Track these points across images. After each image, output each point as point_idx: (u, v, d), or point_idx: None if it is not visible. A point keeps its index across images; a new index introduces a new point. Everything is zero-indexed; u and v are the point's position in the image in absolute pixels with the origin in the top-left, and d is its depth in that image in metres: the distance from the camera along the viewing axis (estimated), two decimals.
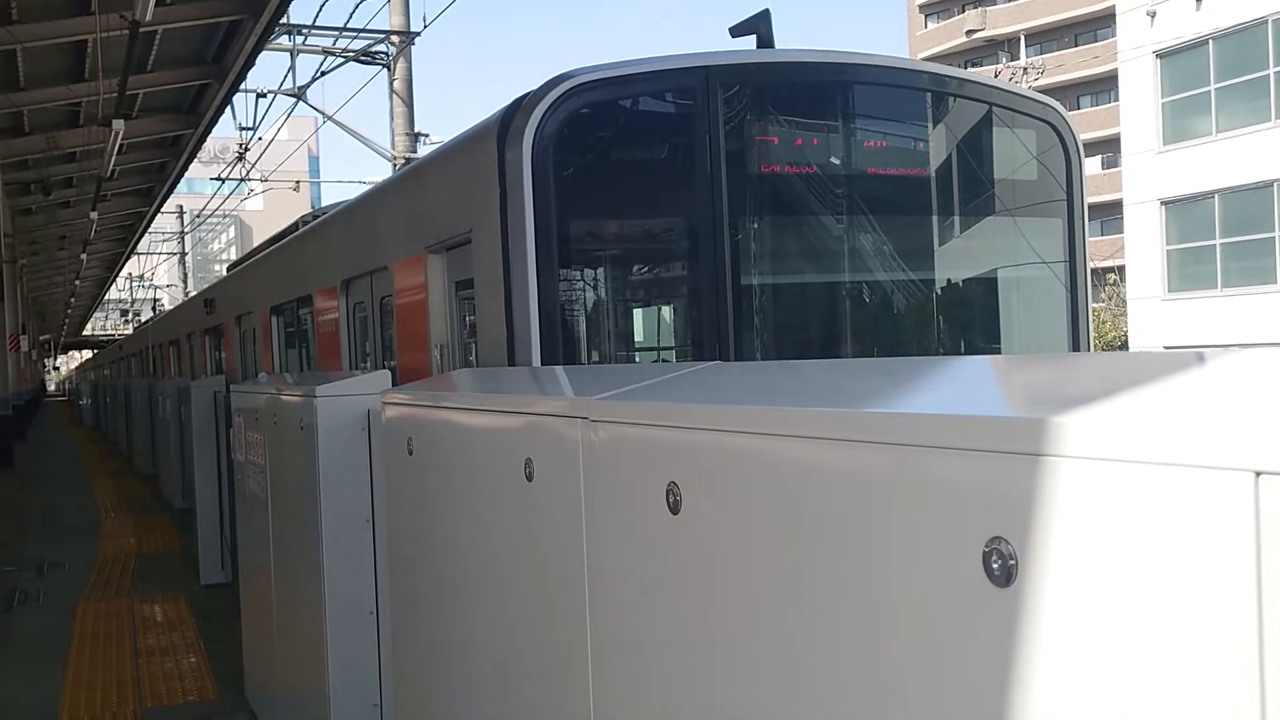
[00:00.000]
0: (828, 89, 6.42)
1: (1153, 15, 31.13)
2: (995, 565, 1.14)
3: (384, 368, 7.94)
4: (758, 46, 6.65)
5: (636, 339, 6.64)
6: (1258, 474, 0.89)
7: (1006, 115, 6.87)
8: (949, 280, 6.92)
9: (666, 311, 6.75)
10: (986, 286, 7.10)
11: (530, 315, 5.56)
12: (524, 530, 2.33)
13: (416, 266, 7.12)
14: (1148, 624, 0.98)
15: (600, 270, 6.25)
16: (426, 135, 22.15)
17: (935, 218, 6.66)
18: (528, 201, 5.54)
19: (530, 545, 2.31)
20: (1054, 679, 1.07)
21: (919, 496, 1.23)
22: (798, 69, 6.29)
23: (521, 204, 5.56)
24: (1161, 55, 31.13)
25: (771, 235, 6.24)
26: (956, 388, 1.50)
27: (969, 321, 7.06)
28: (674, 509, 1.73)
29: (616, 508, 1.93)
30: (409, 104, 21.86)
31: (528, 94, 5.89)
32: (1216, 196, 29.68)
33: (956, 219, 6.78)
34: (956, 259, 6.85)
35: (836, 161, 6.34)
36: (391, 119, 21.87)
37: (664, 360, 6.55)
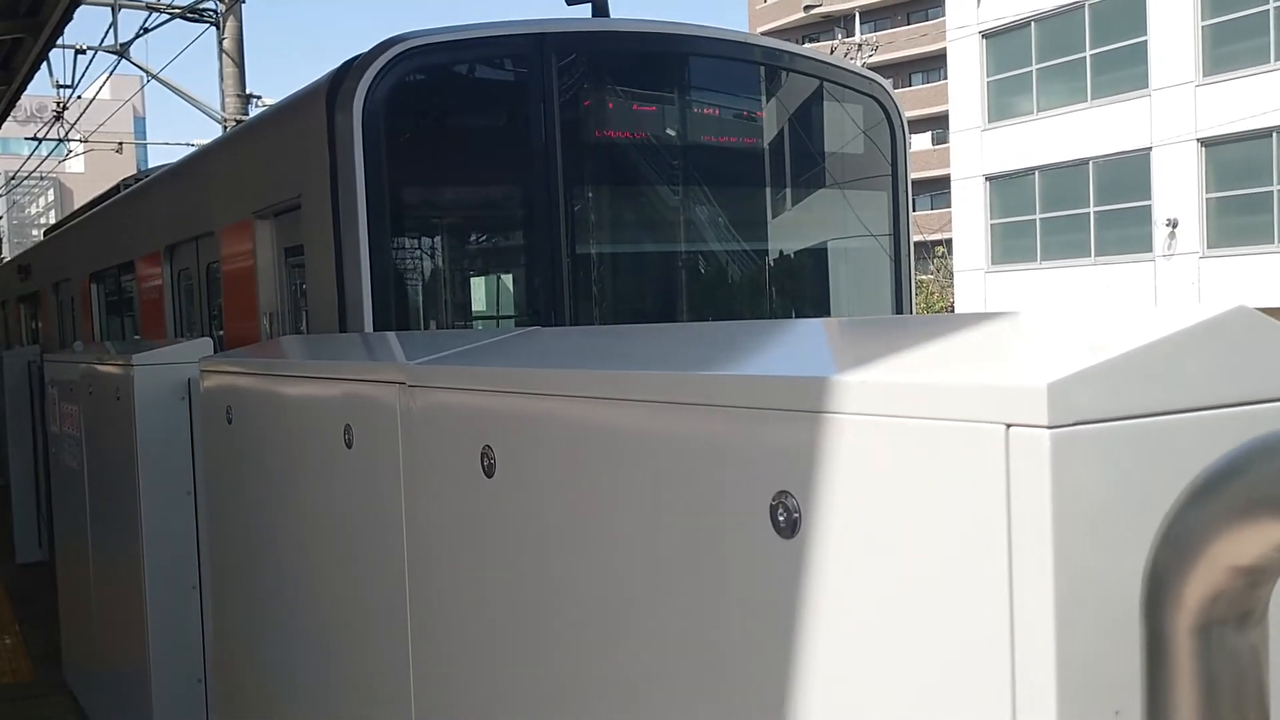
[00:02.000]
0: (663, 59, 6.47)
1: None
2: (781, 518, 1.20)
3: (210, 336, 7.73)
4: (593, 15, 6.66)
5: (472, 307, 6.61)
6: (1008, 426, 0.96)
7: (836, 90, 7.05)
8: (780, 250, 7.09)
9: (502, 279, 6.74)
10: (816, 256, 7.30)
11: (362, 282, 5.49)
12: (344, 498, 2.32)
13: (244, 232, 6.93)
14: (920, 566, 1.04)
15: (434, 237, 6.19)
16: (259, 97, 21.43)
17: (767, 189, 6.81)
18: (359, 166, 5.46)
19: (350, 513, 2.30)
20: (835, 622, 1.14)
21: (712, 454, 1.27)
22: (634, 39, 6.33)
23: (352, 169, 5.47)
24: (987, 35, 32.26)
25: (607, 204, 6.28)
26: (756, 350, 1.56)
27: (799, 290, 7.24)
28: (488, 472, 1.75)
29: (434, 472, 1.94)
30: (240, 64, 21.09)
31: (357, 57, 5.79)
32: (1037, 173, 30.97)
33: (788, 190, 6.94)
34: (787, 229, 7.02)
35: (672, 132, 6.41)
36: (221, 79, 21.07)
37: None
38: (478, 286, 6.72)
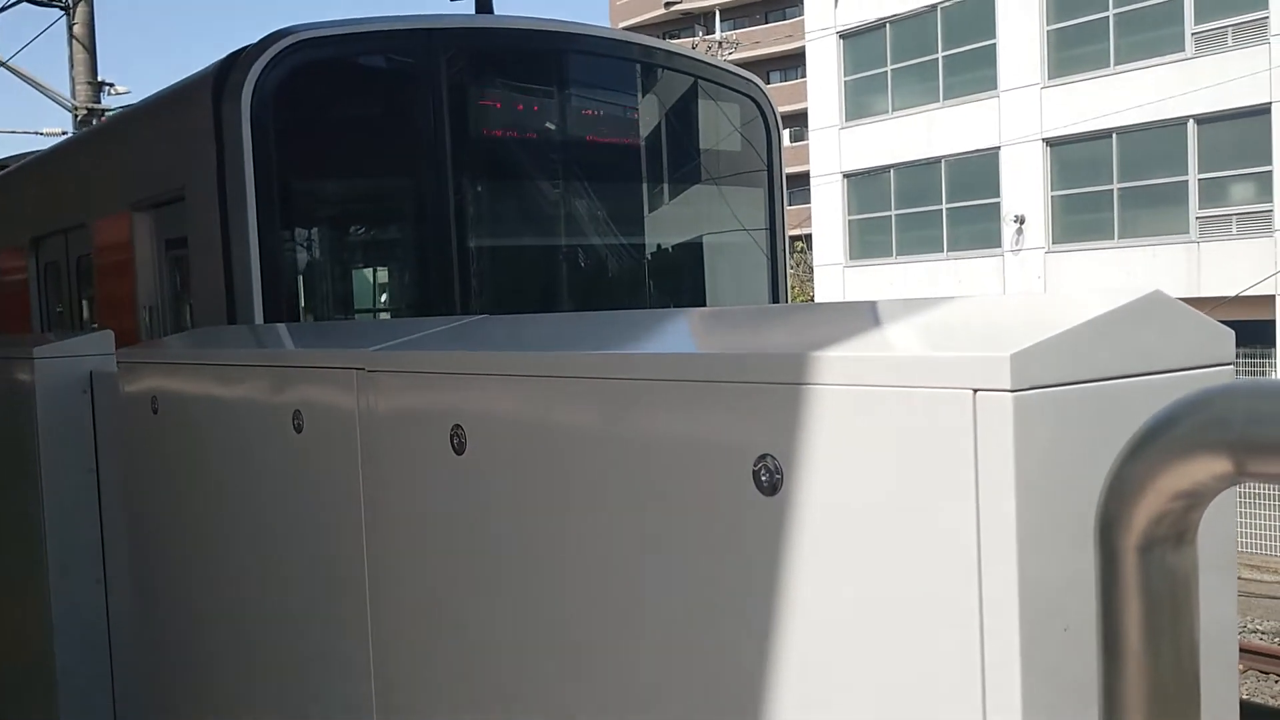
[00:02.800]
0: (549, 57, 6.60)
1: None
2: (764, 478, 1.36)
3: (84, 329, 7.56)
4: (476, 11, 6.75)
5: (361, 299, 6.64)
6: (975, 391, 1.14)
7: (713, 89, 7.28)
8: (660, 244, 7.29)
9: (391, 271, 6.78)
10: (694, 250, 7.51)
11: (252, 274, 5.49)
12: (293, 481, 2.41)
13: (121, 224, 6.82)
14: (895, 513, 1.22)
15: (324, 229, 6.22)
16: (111, 85, 20.81)
17: (649, 184, 7.00)
18: (247, 157, 5.46)
19: (301, 496, 2.39)
20: (816, 566, 1.31)
21: (697, 424, 1.43)
22: (521, 35, 6.44)
23: (240, 160, 5.47)
24: (844, 36, 33.12)
25: (495, 197, 6.39)
26: (717, 331, 1.72)
27: (679, 282, 7.45)
28: (459, 450, 1.87)
29: (397, 453, 2.05)
30: (91, 51, 20.44)
31: (244, 49, 5.77)
32: (892, 171, 31.94)
33: (669, 186, 7.14)
34: (668, 223, 7.22)
35: (558, 127, 6.54)
36: (71, 66, 20.38)
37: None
38: (367, 278, 6.75)
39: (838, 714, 1.28)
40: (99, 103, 20.22)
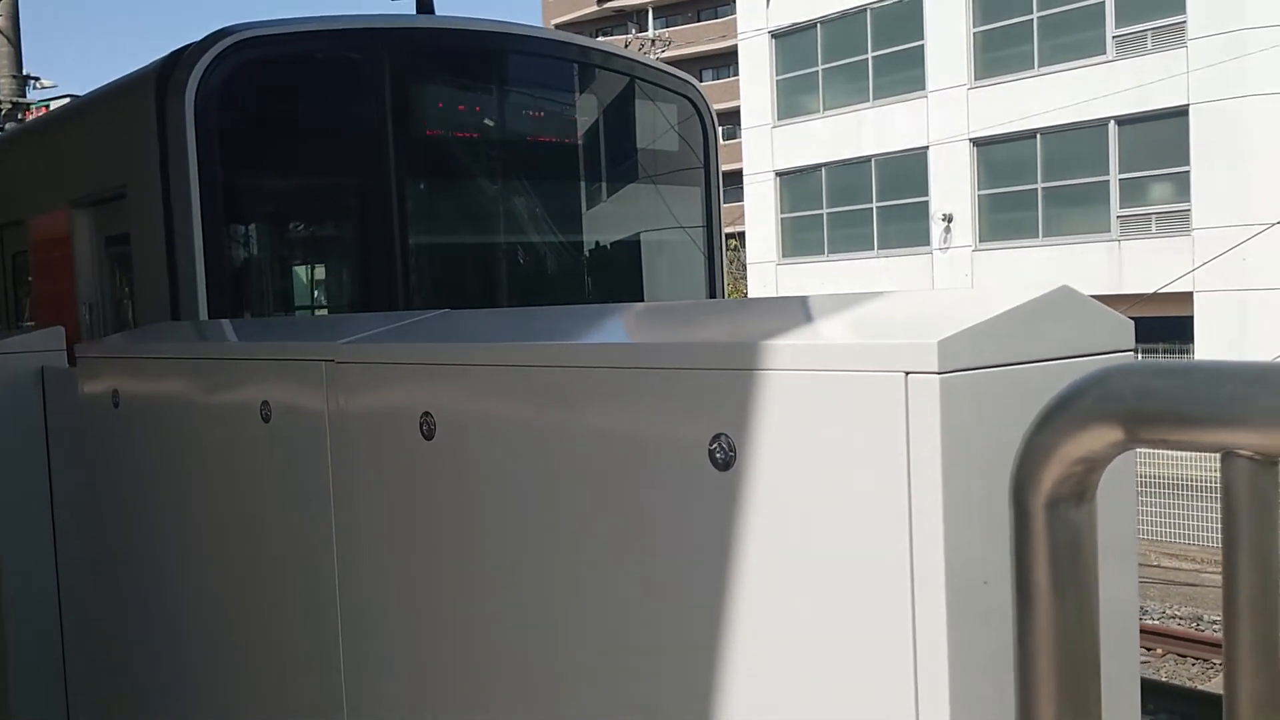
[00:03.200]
0: (490, 57, 6.71)
1: None
2: (718, 456, 1.51)
3: (15, 328, 7.53)
4: (417, 11, 6.83)
5: (305, 296, 6.70)
6: (906, 373, 1.30)
7: (651, 89, 7.43)
8: (600, 242, 7.43)
9: (335, 268, 6.85)
10: (633, 248, 7.66)
11: (196, 271, 5.53)
12: (261, 470, 2.51)
13: (60, 221, 6.81)
14: (835, 483, 1.37)
15: (267, 227, 6.27)
16: (37, 79, 20.45)
17: (588, 183, 7.13)
18: (191, 156, 5.50)
19: (269, 483, 2.50)
20: (765, 532, 1.46)
21: (660, 407, 1.58)
22: (463, 36, 6.54)
23: (184, 159, 5.51)
24: (776, 35, 33.47)
25: (440, 195, 6.48)
26: (671, 322, 1.87)
27: (617, 280, 7.59)
28: (428, 436, 2.00)
29: (367, 439, 2.17)
30: (15, 44, 20.09)
31: (187, 46, 5.81)
32: (824, 169, 32.36)
33: (608, 185, 7.28)
34: (607, 222, 7.36)
35: (499, 127, 6.65)
36: None
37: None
38: (311, 274, 6.81)
39: (789, 662, 1.43)
40: (24, 96, 19.89)
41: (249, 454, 2.54)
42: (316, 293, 6.80)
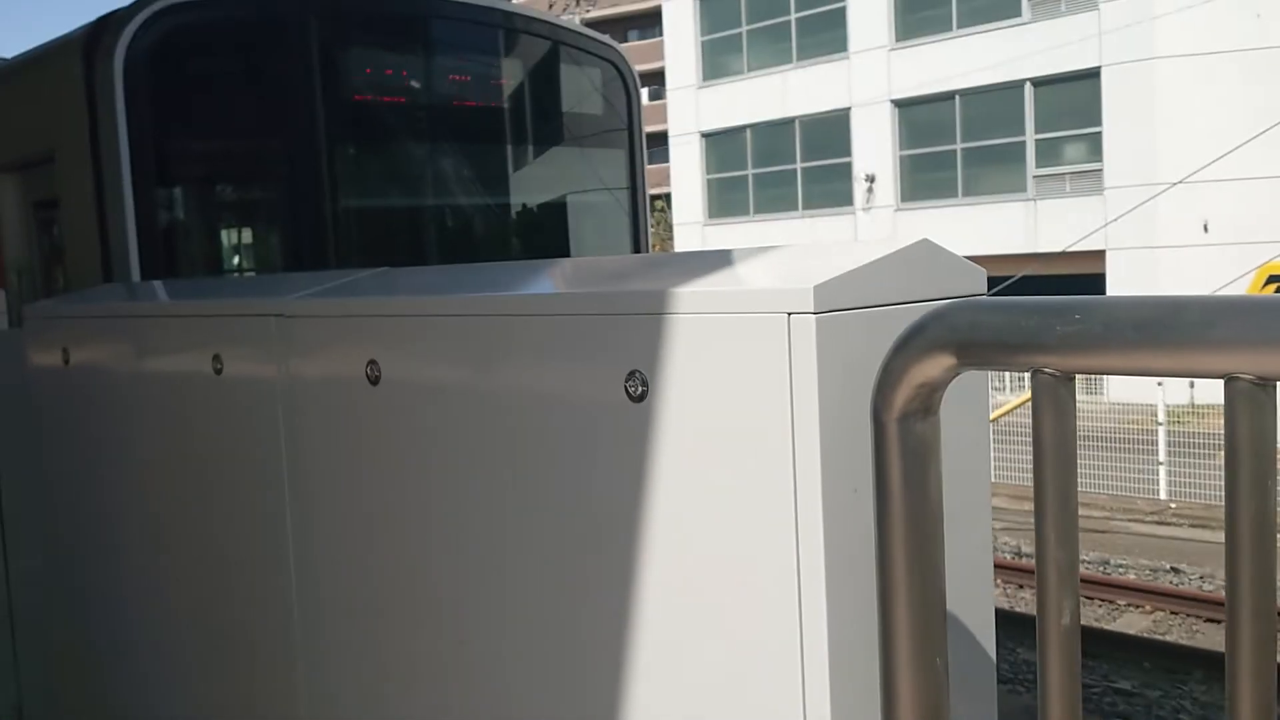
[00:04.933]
0: (417, 21, 6.84)
1: None
2: (632, 389, 1.75)
3: None
4: None
5: (236, 258, 6.81)
6: (789, 314, 1.54)
7: (575, 54, 7.61)
8: (525, 205, 7.62)
9: (267, 230, 6.96)
10: (559, 210, 7.86)
11: (127, 235, 5.63)
12: (214, 419, 2.70)
13: None
14: (731, 409, 1.62)
15: (198, 190, 6.37)
16: None
17: (515, 147, 7.31)
18: (121, 120, 5.59)
19: (222, 432, 2.69)
20: (674, 453, 1.70)
21: (583, 347, 1.81)
22: (391, 1, 6.66)
23: (114, 121, 5.59)
24: None
25: (369, 158, 6.63)
26: (594, 275, 2.09)
27: (545, 241, 7.78)
28: (374, 381, 2.21)
29: (316, 387, 2.38)
30: None
31: (115, 11, 5.88)
32: (749, 130, 32.65)
33: (532, 148, 7.47)
34: (533, 185, 7.55)
35: (425, 90, 6.80)
36: None
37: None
38: (241, 236, 6.92)
39: (695, 554, 1.68)
40: None
41: (202, 405, 2.73)
42: (247, 254, 6.92)
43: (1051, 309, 1.28)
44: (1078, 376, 1.28)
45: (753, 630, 1.62)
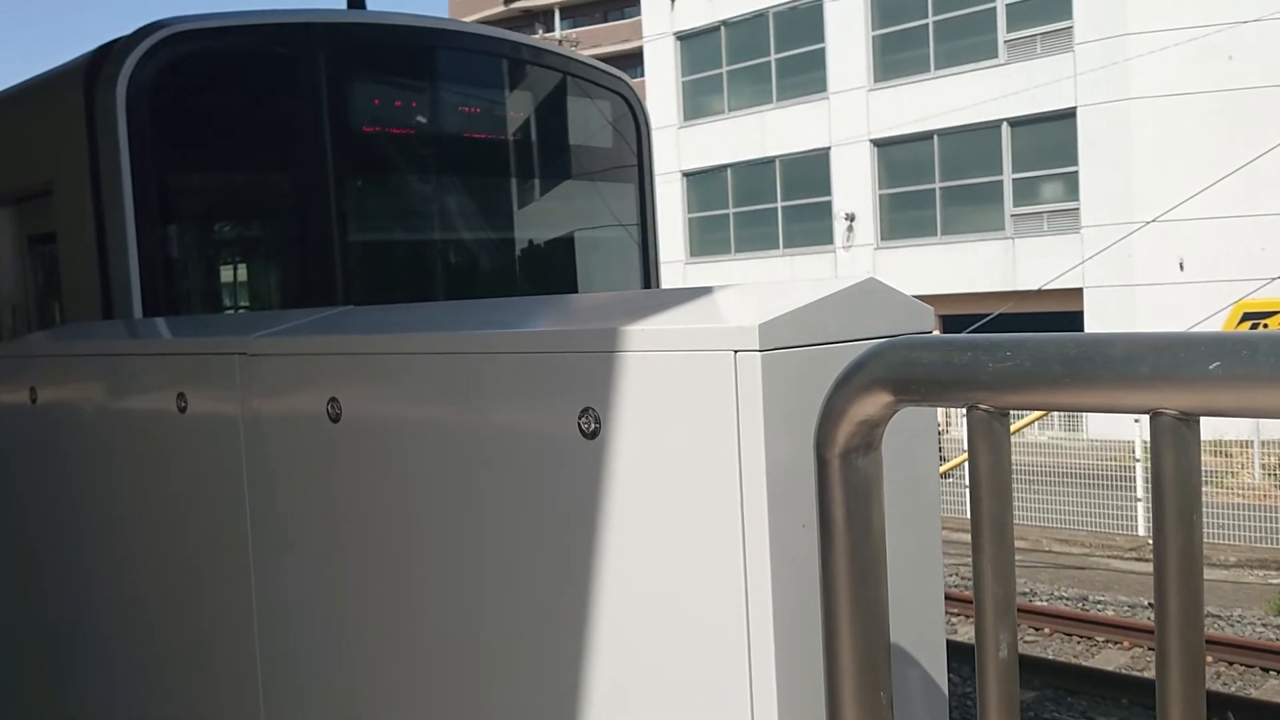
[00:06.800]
0: (428, 53, 6.69)
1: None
2: (584, 426, 1.76)
3: None
4: (349, 6, 6.83)
5: (240, 294, 6.62)
6: (735, 352, 1.56)
7: (586, 86, 7.40)
8: (537, 239, 7.41)
9: (271, 266, 6.76)
10: (569, 245, 7.63)
11: (130, 270, 5.37)
12: (177, 456, 2.71)
13: None
14: (680, 444, 1.64)
15: (202, 225, 6.21)
16: None
17: (526, 180, 7.11)
18: (124, 152, 5.37)
19: (185, 469, 2.69)
20: (625, 487, 1.72)
21: (537, 385, 1.83)
22: (400, 31, 6.49)
23: (116, 154, 5.36)
24: (681, 37, 33.90)
25: (377, 192, 6.47)
26: (547, 313, 2.12)
27: (556, 276, 7.53)
28: (334, 419, 2.22)
29: (279, 424, 2.39)
30: None
31: (116, 40, 5.72)
32: (729, 170, 32.86)
33: (544, 182, 7.27)
34: (543, 219, 7.33)
35: (436, 123, 6.65)
36: None
37: None
38: (246, 272, 6.73)
39: (647, 592, 1.69)
40: None
41: (167, 443, 2.73)
42: (253, 290, 6.71)
43: (984, 346, 1.30)
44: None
45: (703, 665, 1.63)
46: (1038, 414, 16.27)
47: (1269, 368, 1.13)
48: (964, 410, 1.36)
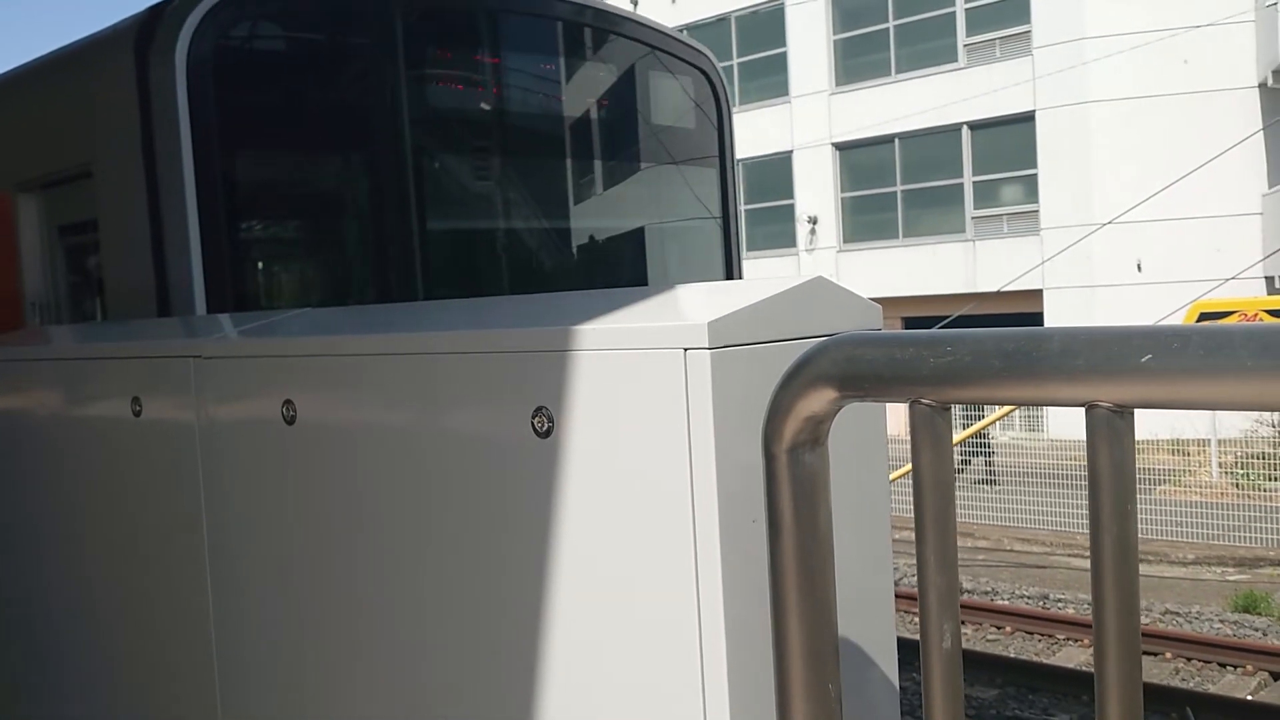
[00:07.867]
0: (513, 19, 6.03)
1: None
2: (539, 425, 1.78)
3: None
4: None
5: (322, 289, 5.71)
6: (685, 349, 1.58)
7: (670, 61, 6.80)
8: (627, 224, 6.82)
9: (346, 256, 6.03)
10: (656, 233, 7.04)
11: (192, 264, 4.70)
12: (133, 460, 2.69)
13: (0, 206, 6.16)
14: (632, 441, 1.65)
15: (275, 212, 5.39)
16: None
17: (611, 162, 6.54)
18: (184, 129, 4.68)
19: (140, 473, 2.68)
20: (577, 484, 1.73)
21: (490, 385, 1.84)
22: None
23: (175, 132, 4.68)
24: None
25: (460, 173, 5.81)
26: (502, 313, 2.12)
27: (641, 265, 6.94)
28: (289, 421, 2.22)
29: (234, 427, 2.38)
30: None
31: (166, 3, 4.93)
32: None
33: (628, 163, 6.69)
34: (628, 204, 6.72)
35: (523, 96, 6.06)
36: None
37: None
38: (320, 264, 6.03)
39: (597, 592, 1.70)
40: None
41: (123, 447, 2.72)
42: (331, 284, 5.79)
43: (924, 342, 1.33)
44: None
45: (656, 660, 1.65)
46: (999, 413, 16.41)
47: (1199, 360, 1.15)
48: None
